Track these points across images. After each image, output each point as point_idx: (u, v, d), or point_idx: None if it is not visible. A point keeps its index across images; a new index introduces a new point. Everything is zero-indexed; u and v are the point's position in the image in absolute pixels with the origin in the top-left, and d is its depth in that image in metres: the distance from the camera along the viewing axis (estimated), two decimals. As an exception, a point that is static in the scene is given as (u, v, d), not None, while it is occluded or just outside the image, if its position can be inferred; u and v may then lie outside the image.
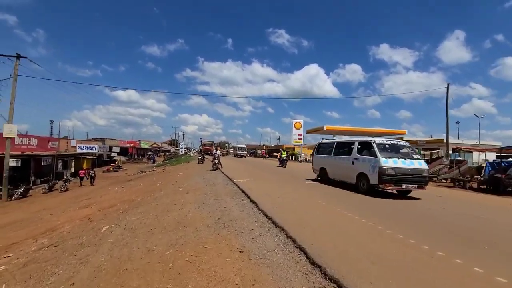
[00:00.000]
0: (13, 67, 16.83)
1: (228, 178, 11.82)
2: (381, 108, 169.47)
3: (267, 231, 4.33)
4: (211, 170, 15.95)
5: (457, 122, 52.00)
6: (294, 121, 38.78)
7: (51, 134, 53.69)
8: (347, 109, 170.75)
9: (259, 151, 68.73)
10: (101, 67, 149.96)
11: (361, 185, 8.75)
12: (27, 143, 23.95)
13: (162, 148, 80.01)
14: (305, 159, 39.06)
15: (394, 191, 8.61)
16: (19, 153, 19.72)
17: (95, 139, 47.06)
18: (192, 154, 43.88)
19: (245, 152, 44.30)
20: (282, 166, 20.91)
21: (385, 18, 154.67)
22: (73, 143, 37.30)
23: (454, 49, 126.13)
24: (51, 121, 63.14)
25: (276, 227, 4.54)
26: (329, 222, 4.96)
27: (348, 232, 4.36)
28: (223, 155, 32.57)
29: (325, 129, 36.85)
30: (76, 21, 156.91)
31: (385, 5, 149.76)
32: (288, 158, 25.20)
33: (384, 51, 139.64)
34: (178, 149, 45.54)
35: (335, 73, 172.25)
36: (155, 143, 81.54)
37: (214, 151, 17.86)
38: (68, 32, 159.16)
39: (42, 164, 22.49)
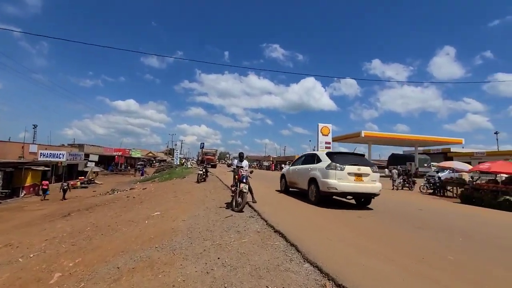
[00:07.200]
0: None
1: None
2: (379, 122, 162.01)
3: None
4: (232, 207, 6.09)
5: (496, 133, 42.67)
6: (321, 125, 29.02)
7: (33, 140, 43.52)
8: (345, 122, 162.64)
9: (265, 163, 58.87)
10: (101, 77, 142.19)
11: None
12: None
13: (158, 158, 69.64)
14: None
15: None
16: None
17: (71, 145, 36.84)
18: (190, 165, 33.74)
19: None
20: None
21: (374, 34, 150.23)
22: (33, 148, 27.08)
23: (445, 64, 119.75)
24: (34, 125, 52.06)
25: None
26: None
27: None
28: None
29: (362, 135, 27.31)
30: (77, 33, 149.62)
31: (374, 21, 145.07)
32: None
33: (377, 66, 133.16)
34: (173, 159, 35.70)
35: (331, 86, 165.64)
36: (150, 152, 71.30)
37: (234, 162, 7.49)
38: (70, 44, 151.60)
39: None
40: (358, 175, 6.62)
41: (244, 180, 6.05)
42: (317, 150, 29.34)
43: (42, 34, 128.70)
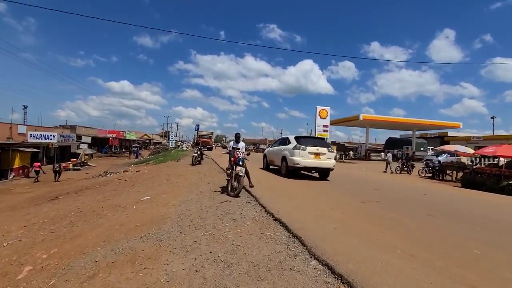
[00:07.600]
0: None
1: None
2: (375, 105, 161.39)
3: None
4: (227, 191, 5.65)
5: (493, 117, 42.54)
6: (319, 108, 28.25)
7: (24, 121, 42.27)
8: (342, 106, 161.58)
9: (262, 146, 58.42)
10: (93, 57, 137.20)
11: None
12: None
13: (154, 140, 68.66)
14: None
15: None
16: None
17: (63, 127, 35.76)
18: (185, 148, 33.18)
19: None
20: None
21: (374, 16, 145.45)
22: (22, 129, 26.10)
23: (444, 47, 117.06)
24: (24, 106, 50.03)
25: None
26: None
27: None
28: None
29: (361, 119, 26.75)
30: (66, 10, 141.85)
31: (373, 2, 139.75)
32: None
33: (375, 49, 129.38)
34: (168, 142, 34.87)
35: (329, 69, 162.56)
36: (145, 135, 70.14)
37: (231, 144, 7.02)
38: (59, 21, 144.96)
39: None
40: (317, 154, 8.15)
41: (241, 163, 5.54)
42: (315, 133, 29.01)
43: (27, 9, 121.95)
